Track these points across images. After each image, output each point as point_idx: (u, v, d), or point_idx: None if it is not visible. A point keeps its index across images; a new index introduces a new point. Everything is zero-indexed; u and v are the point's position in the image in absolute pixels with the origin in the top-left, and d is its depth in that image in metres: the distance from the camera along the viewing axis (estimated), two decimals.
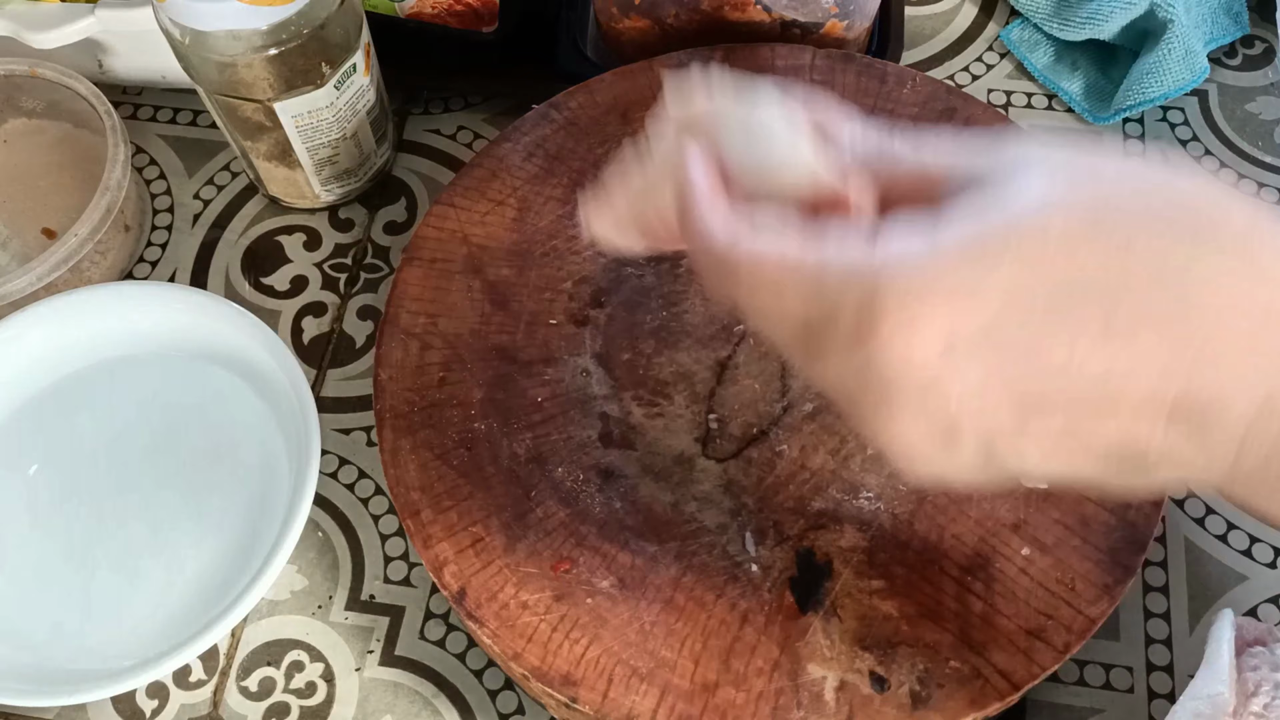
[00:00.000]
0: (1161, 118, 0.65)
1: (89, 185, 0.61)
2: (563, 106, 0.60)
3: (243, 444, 0.56)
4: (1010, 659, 0.45)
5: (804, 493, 0.49)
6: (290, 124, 0.57)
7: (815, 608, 0.47)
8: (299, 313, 0.62)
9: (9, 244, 0.63)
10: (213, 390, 0.58)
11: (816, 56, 0.60)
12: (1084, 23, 0.65)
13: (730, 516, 0.49)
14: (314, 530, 0.56)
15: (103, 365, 0.58)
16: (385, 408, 0.52)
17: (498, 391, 0.52)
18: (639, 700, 0.45)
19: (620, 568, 0.48)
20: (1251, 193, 0.63)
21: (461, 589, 0.48)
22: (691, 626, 0.47)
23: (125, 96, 0.69)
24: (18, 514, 0.55)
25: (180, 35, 0.53)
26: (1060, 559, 0.47)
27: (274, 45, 0.53)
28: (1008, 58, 0.69)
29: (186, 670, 0.53)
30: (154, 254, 0.64)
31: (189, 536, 0.54)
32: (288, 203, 0.64)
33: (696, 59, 0.60)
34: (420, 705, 0.52)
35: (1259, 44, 0.68)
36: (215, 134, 0.68)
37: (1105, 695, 0.51)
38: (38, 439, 0.57)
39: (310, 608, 0.54)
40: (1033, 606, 0.46)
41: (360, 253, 0.64)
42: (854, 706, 0.45)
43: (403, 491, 0.50)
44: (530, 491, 0.50)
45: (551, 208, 0.57)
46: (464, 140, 0.67)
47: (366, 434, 0.59)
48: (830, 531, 0.49)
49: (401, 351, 0.53)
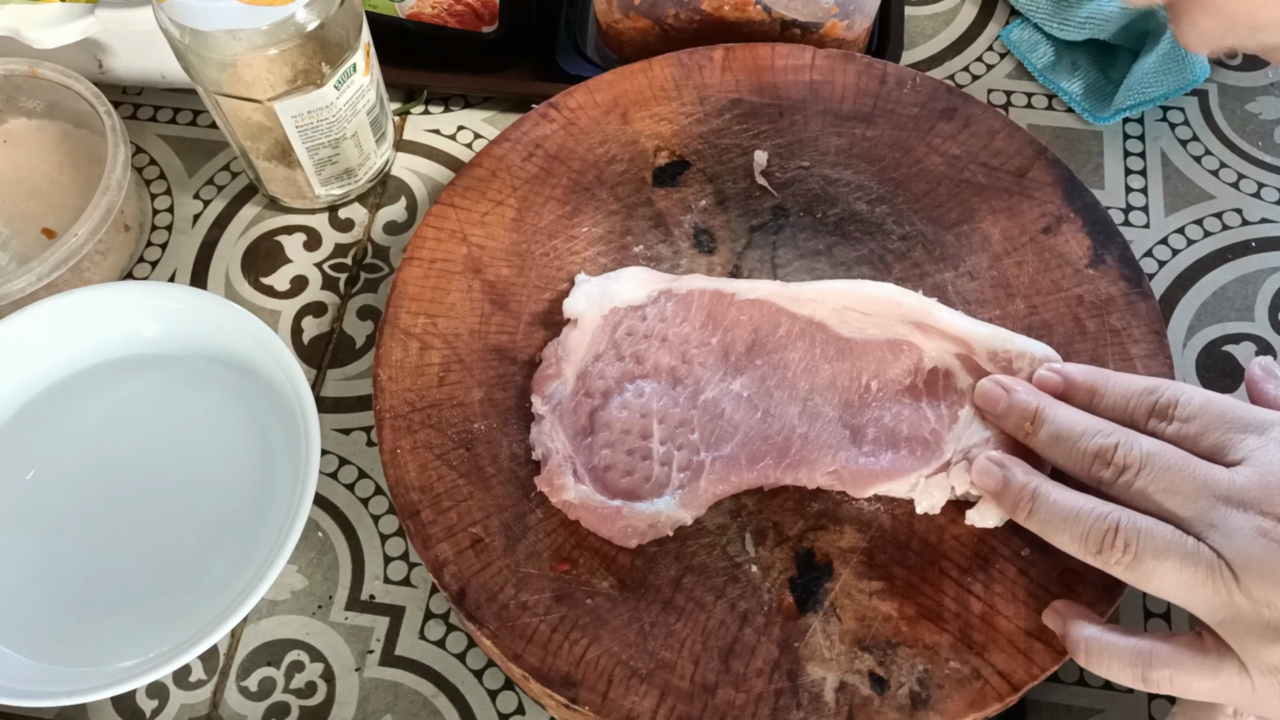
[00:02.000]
0: (1161, 118, 0.65)
1: (89, 185, 0.61)
2: (562, 106, 0.60)
3: (243, 444, 0.56)
4: (1010, 660, 0.45)
5: (804, 493, 0.49)
6: (290, 124, 0.57)
7: (815, 608, 0.47)
8: (299, 313, 0.62)
9: (9, 244, 0.63)
10: (213, 390, 0.58)
11: (816, 56, 0.60)
12: (1084, 23, 0.65)
13: (730, 517, 0.49)
14: (314, 530, 0.56)
15: (103, 366, 0.58)
16: (385, 408, 0.52)
17: (497, 391, 0.52)
18: (639, 701, 0.45)
19: (620, 568, 0.48)
20: (1251, 193, 0.63)
21: (461, 590, 0.48)
22: (691, 627, 0.47)
23: (125, 96, 0.69)
24: (18, 513, 0.55)
25: (180, 35, 0.53)
26: (1060, 559, 0.47)
27: (274, 45, 0.53)
28: (1008, 58, 0.69)
29: (186, 670, 0.53)
30: (154, 254, 0.64)
31: (189, 537, 0.54)
32: (288, 203, 0.64)
33: (697, 58, 0.60)
34: (420, 705, 0.52)
35: None
36: (215, 134, 0.68)
37: (1105, 695, 0.51)
38: (39, 438, 0.57)
39: (310, 608, 0.55)
40: (1032, 607, 0.46)
41: (360, 253, 0.64)
42: (854, 707, 0.45)
43: (402, 492, 0.50)
44: (530, 492, 0.50)
45: (551, 208, 0.57)
46: (464, 140, 0.67)
47: (366, 434, 0.59)
48: (830, 532, 0.49)
49: (401, 351, 0.53)
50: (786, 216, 0.56)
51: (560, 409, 0.50)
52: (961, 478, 0.47)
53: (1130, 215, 0.62)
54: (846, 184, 0.57)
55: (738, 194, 0.57)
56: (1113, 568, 0.42)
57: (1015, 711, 0.49)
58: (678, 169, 0.58)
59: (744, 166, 0.58)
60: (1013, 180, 0.56)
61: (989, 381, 0.48)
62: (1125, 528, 0.41)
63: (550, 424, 0.50)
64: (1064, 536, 0.43)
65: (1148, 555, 0.41)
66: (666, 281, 0.53)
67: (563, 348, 0.52)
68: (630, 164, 0.58)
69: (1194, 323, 0.59)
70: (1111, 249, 0.54)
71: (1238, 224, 0.62)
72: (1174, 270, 0.61)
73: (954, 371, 0.49)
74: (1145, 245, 0.62)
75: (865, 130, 0.58)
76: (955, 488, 0.47)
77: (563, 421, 0.50)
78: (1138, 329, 0.52)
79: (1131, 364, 0.51)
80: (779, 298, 0.52)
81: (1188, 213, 0.62)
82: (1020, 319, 0.52)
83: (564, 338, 0.52)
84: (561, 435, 0.50)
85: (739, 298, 0.52)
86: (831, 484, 0.48)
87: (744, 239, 0.56)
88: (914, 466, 0.48)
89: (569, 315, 0.52)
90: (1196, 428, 0.43)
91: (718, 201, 0.57)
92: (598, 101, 0.60)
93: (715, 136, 0.58)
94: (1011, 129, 0.58)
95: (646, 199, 0.57)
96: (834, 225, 0.56)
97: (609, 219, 0.57)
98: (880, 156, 0.58)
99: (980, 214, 0.56)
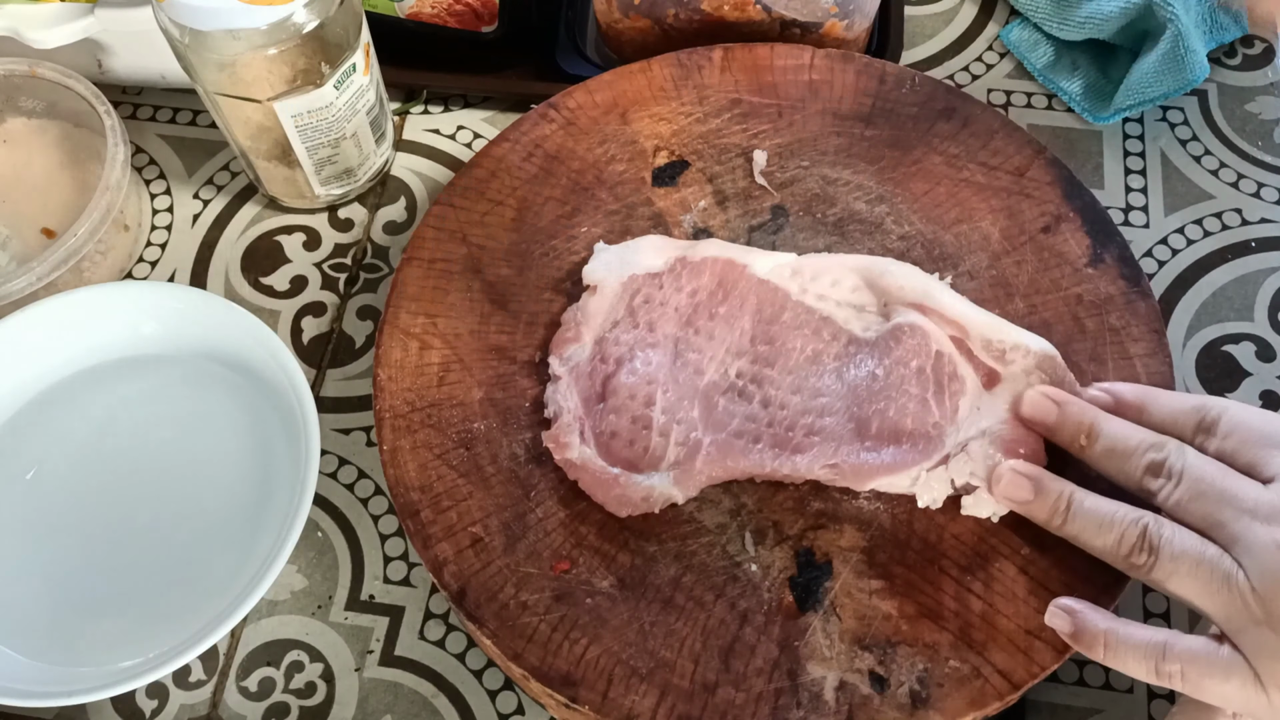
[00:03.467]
0: (1161, 118, 0.65)
1: (89, 185, 0.61)
2: (562, 106, 0.60)
3: (243, 444, 0.56)
4: (1010, 659, 0.45)
5: (803, 492, 0.49)
6: (290, 124, 0.57)
7: (815, 607, 0.47)
8: (299, 313, 0.62)
9: (9, 244, 0.63)
10: (213, 390, 0.58)
11: (816, 56, 0.60)
12: (1084, 23, 0.65)
13: (730, 516, 0.49)
14: (314, 530, 0.56)
15: (103, 366, 0.58)
16: (385, 408, 0.52)
17: (497, 391, 0.52)
18: (639, 700, 0.45)
19: (620, 568, 0.48)
20: (1251, 193, 0.63)
21: (461, 589, 0.48)
22: (691, 626, 0.47)
23: (125, 96, 0.69)
24: (18, 513, 0.55)
25: (180, 35, 0.53)
26: (1060, 558, 0.47)
27: (274, 45, 0.53)
28: (1007, 57, 0.69)
29: (186, 670, 0.53)
30: (154, 254, 0.64)
31: (189, 537, 0.54)
32: (287, 203, 0.64)
33: (696, 58, 0.60)
34: (420, 705, 0.52)
35: (1259, 44, 0.68)
36: (215, 134, 0.68)
37: (1105, 695, 0.51)
38: (39, 438, 0.57)
39: (310, 608, 0.54)
40: (1032, 606, 0.46)
41: (360, 253, 0.64)
42: (854, 706, 0.45)
43: (402, 491, 0.50)
44: (530, 491, 0.50)
45: (551, 208, 0.57)
46: (464, 140, 0.67)
47: (366, 434, 0.59)
48: (830, 531, 0.49)
49: (401, 351, 0.53)
50: (786, 216, 0.56)
51: (576, 371, 0.51)
52: (961, 469, 0.47)
53: (1130, 215, 0.62)
54: (846, 183, 0.57)
55: (737, 194, 0.57)
56: (1137, 570, 0.43)
57: (1015, 711, 0.49)
58: (677, 169, 0.58)
59: (743, 166, 0.58)
60: (1012, 180, 0.56)
61: (1036, 394, 0.48)
62: (1152, 532, 0.43)
63: (566, 384, 0.51)
64: (1098, 542, 0.44)
65: (1167, 558, 0.42)
66: (683, 249, 0.53)
67: (582, 313, 0.52)
68: (630, 164, 0.58)
69: (1193, 323, 0.59)
70: (1110, 248, 0.54)
71: (1237, 224, 0.62)
72: (1174, 270, 0.61)
73: (953, 359, 0.50)
74: (1145, 245, 0.62)
75: (864, 130, 0.58)
76: (955, 480, 0.48)
77: (578, 384, 0.51)
78: (1137, 328, 0.52)
79: (1130, 362, 0.51)
80: (785, 278, 0.52)
81: (1187, 212, 0.62)
82: (1019, 318, 0.52)
83: (583, 303, 0.53)
84: (575, 396, 0.50)
85: (750, 270, 0.52)
86: (831, 478, 0.48)
87: (744, 239, 0.56)
88: (915, 460, 0.48)
89: (588, 282, 0.53)
90: (1234, 444, 0.43)
91: (717, 201, 0.57)
92: (597, 101, 0.60)
93: (715, 136, 0.59)
94: (1011, 129, 0.58)
95: (646, 199, 0.57)
96: (833, 225, 0.56)
97: (609, 219, 0.57)
98: (879, 156, 0.58)
99: (979, 213, 0.56)
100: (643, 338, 0.51)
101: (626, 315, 0.52)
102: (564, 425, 0.50)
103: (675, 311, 0.52)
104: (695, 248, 0.53)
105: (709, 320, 0.52)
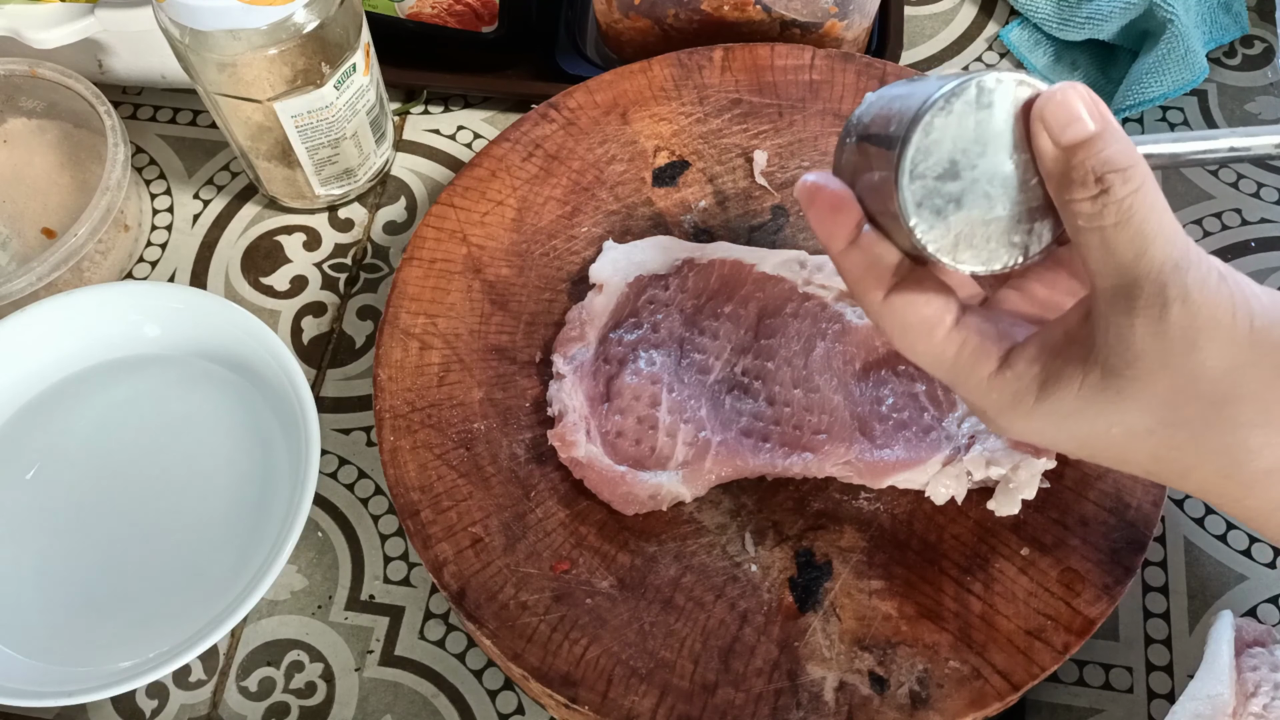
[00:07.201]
0: (1161, 118, 0.65)
1: (89, 185, 0.61)
2: (562, 106, 0.60)
3: (243, 444, 0.56)
4: (1010, 659, 0.45)
5: (803, 493, 0.49)
6: (290, 124, 0.57)
7: (814, 608, 0.47)
8: (299, 313, 0.62)
9: (9, 244, 0.63)
10: (213, 390, 0.58)
11: (816, 56, 0.60)
12: (1084, 23, 0.65)
13: (730, 517, 0.49)
14: (314, 530, 0.56)
15: (103, 366, 0.58)
16: (385, 408, 0.52)
17: (497, 391, 0.52)
18: (639, 700, 0.45)
19: (620, 568, 0.48)
20: (1251, 193, 0.63)
21: (461, 589, 0.48)
22: (691, 627, 0.47)
23: (125, 96, 0.69)
24: (18, 513, 0.55)
25: (180, 35, 0.53)
26: (1060, 559, 0.47)
27: (274, 45, 0.53)
28: (1008, 58, 0.69)
29: (186, 670, 0.53)
30: (154, 254, 0.64)
31: (189, 537, 0.54)
32: (287, 203, 0.64)
33: (697, 58, 0.60)
34: (420, 705, 0.52)
35: (1258, 44, 0.68)
36: (215, 134, 0.68)
37: (1105, 695, 0.51)
38: (38, 438, 0.57)
39: (310, 608, 0.55)
40: (1032, 606, 0.46)
41: (360, 253, 0.64)
42: (853, 707, 0.45)
43: (402, 491, 0.50)
44: (530, 492, 0.50)
45: (551, 208, 0.57)
46: (464, 140, 0.67)
47: (366, 434, 0.59)
48: (829, 532, 0.49)
49: (401, 351, 0.53)
50: (786, 216, 0.56)
51: (581, 370, 0.51)
52: (978, 463, 0.47)
53: None
54: None
55: (737, 194, 0.57)
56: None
57: (1015, 711, 0.49)
58: (677, 169, 0.58)
59: (744, 166, 0.58)
60: None
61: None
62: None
63: (571, 383, 0.51)
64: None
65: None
66: (691, 250, 0.53)
67: (586, 311, 0.52)
68: (630, 164, 0.58)
69: None
70: None
71: (1237, 224, 0.62)
72: None
73: None
74: None
75: None
76: (972, 474, 0.47)
77: (582, 384, 0.51)
78: None
79: None
80: (793, 270, 0.52)
81: (1188, 213, 0.62)
82: None
83: (588, 302, 0.53)
84: (580, 395, 0.50)
85: (759, 269, 0.52)
86: (846, 475, 0.48)
87: (744, 239, 0.56)
88: (928, 454, 0.48)
89: (595, 280, 0.53)
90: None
91: (717, 201, 0.57)
92: (597, 101, 0.60)
93: (715, 136, 0.59)
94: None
95: (646, 199, 0.57)
96: None
97: (609, 219, 0.57)
98: None
99: None
100: (647, 337, 0.51)
101: (631, 315, 0.52)
102: (569, 424, 0.50)
103: (680, 312, 0.52)
104: (704, 249, 0.53)
105: (714, 319, 0.52)
